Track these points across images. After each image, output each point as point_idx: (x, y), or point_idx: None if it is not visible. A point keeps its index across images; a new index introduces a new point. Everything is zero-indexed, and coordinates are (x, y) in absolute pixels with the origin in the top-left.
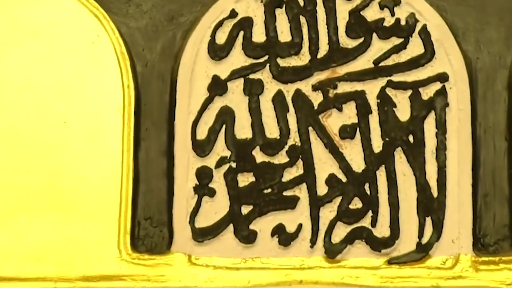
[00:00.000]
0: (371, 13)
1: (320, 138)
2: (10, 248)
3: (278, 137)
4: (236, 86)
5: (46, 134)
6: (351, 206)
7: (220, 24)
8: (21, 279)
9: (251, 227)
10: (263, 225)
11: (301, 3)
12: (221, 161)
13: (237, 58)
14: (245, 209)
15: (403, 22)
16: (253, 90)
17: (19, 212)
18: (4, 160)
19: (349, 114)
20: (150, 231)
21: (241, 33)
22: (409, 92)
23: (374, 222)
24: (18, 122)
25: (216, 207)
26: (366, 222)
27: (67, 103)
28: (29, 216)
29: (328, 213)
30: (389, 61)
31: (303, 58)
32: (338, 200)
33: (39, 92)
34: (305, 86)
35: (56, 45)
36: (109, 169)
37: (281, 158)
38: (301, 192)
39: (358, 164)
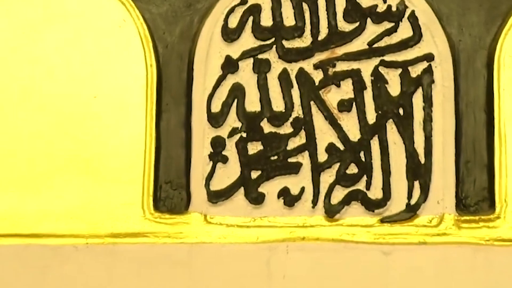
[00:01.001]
0: (366, 0)
1: (320, 111)
2: (48, 209)
3: (283, 110)
4: (246, 65)
5: (79, 107)
6: (348, 171)
7: (232, 10)
8: (57, 236)
9: (260, 190)
10: (270, 188)
11: None
12: (233, 132)
13: (247, 40)
14: (254, 174)
15: (394, 8)
16: (261, 68)
17: (55, 177)
18: (43, 131)
19: (346, 90)
20: (170, 193)
21: (251, 18)
22: (399, 70)
23: (368, 186)
24: (55, 97)
25: (229, 172)
26: (361, 185)
27: (97, 80)
28: (64, 180)
29: (327, 177)
30: (382, 43)
31: (305, 40)
32: (336, 166)
33: (73, 70)
34: (307, 65)
35: (87, 28)
36: (134, 138)
37: (286, 128)
38: (304, 159)
39: (354, 134)
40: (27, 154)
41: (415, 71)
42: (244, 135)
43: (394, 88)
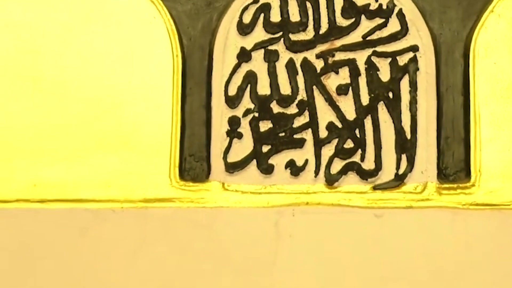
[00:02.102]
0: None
1: (321, 94)
2: (88, 177)
3: (290, 94)
4: (258, 55)
5: (117, 92)
6: (345, 146)
7: (246, 8)
8: (97, 201)
9: (269, 161)
10: (278, 160)
11: None
12: (246, 112)
13: (259, 34)
14: (265, 148)
15: (384, 7)
16: (271, 58)
17: (96, 151)
18: (87, 111)
19: (343, 76)
20: (193, 164)
21: (262, 15)
22: (389, 59)
23: (362, 158)
24: (96, 82)
25: (243, 147)
26: (356, 158)
27: (131, 68)
28: (103, 154)
29: (327, 151)
30: (374, 36)
31: (308, 34)
32: (335, 141)
33: (112, 60)
34: (310, 55)
35: (123, 25)
36: (162, 118)
37: (292, 109)
38: (307, 135)
39: (350, 114)
40: (74, 132)
41: (403, 60)
42: (256, 115)
43: (384, 74)
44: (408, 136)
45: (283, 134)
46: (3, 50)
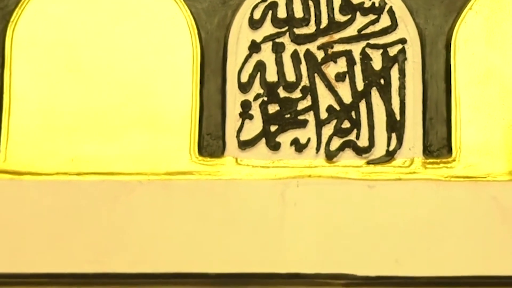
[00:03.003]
0: None
1: (322, 81)
2: (119, 153)
3: (294, 80)
4: (267, 47)
5: (144, 78)
6: (342, 126)
7: (256, 6)
8: (126, 173)
9: (277, 139)
10: (285, 138)
11: None
12: (257, 96)
13: (267, 28)
14: (273, 128)
15: (376, 5)
16: (278, 49)
17: (126, 129)
18: (119, 94)
19: (341, 65)
20: (210, 142)
21: (270, 12)
22: (381, 50)
23: (357, 137)
24: (126, 70)
25: (254, 127)
26: (352, 136)
27: (157, 58)
28: (132, 132)
29: (327, 130)
30: (368, 30)
31: (311, 28)
32: (334, 122)
33: (139, 51)
34: (312, 47)
35: (148, 21)
36: (183, 101)
37: (296, 94)
38: (310, 116)
39: (347, 98)
40: (107, 113)
41: (393, 51)
42: (265, 99)
43: (376, 63)
44: (398, 117)
45: (288, 115)
46: (49, 42)
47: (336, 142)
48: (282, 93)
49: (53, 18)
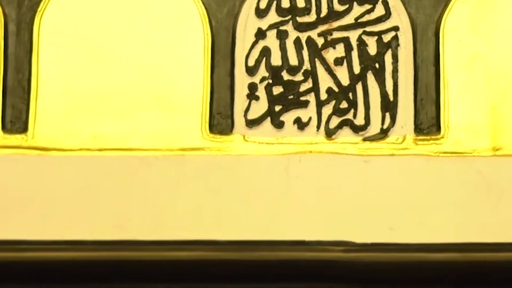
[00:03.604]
0: None
1: (322, 65)
2: (137, 130)
3: (297, 65)
4: (272, 34)
5: (160, 63)
6: (341, 106)
7: None
8: (143, 149)
9: (281, 118)
10: (288, 117)
11: None
12: (262, 79)
13: (272, 17)
14: (277, 108)
15: None
16: (282, 36)
17: (143, 109)
18: (136, 77)
19: (339, 50)
20: (220, 121)
21: (275, 2)
22: (376, 37)
23: (354, 116)
24: (143, 54)
25: (260, 107)
26: (350, 115)
27: (172, 45)
28: (149, 111)
29: (327, 110)
30: (364, 19)
31: (312, 17)
32: (333, 102)
33: (157, 39)
34: (313, 34)
35: (165, 10)
36: (196, 84)
37: (299, 77)
38: (311, 97)
39: (345, 81)
40: (127, 94)
41: (387, 38)
42: (270, 81)
43: (372, 49)
44: (391, 98)
45: (291, 96)
46: (72, 29)
47: (334, 121)
48: (285, 76)
49: (76, 7)
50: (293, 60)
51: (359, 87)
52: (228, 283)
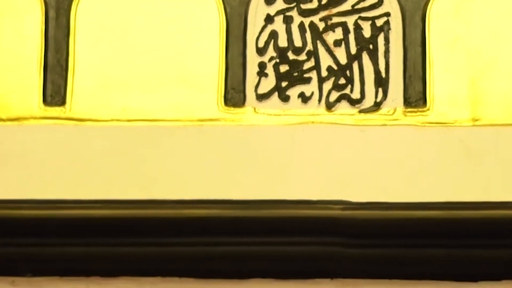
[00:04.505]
0: None
1: (323, 46)
2: (161, 104)
3: (301, 46)
4: (279, 19)
5: (183, 45)
6: (339, 82)
7: None
8: (166, 120)
9: (287, 93)
10: (293, 92)
11: None
12: (271, 59)
13: (279, 4)
14: (284, 84)
15: None
16: (288, 21)
17: (167, 84)
18: (161, 57)
19: (338, 33)
20: (234, 95)
21: None
22: (370, 22)
23: (351, 90)
24: (163, 36)
25: (269, 83)
26: (347, 90)
27: (192, 29)
28: (172, 86)
29: (327, 85)
30: (359, 6)
31: (314, 4)
32: (332, 79)
33: (179, 23)
34: (315, 19)
35: (184, 1)
36: (212, 63)
37: (303, 56)
38: (313, 74)
39: (343, 60)
40: (153, 71)
41: (379, 22)
42: (277, 60)
43: (366, 32)
44: (383, 75)
45: (296, 74)
46: (105, 14)
47: (334, 95)
48: (291, 56)
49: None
50: (298, 42)
51: (355, 66)
52: (240, 237)
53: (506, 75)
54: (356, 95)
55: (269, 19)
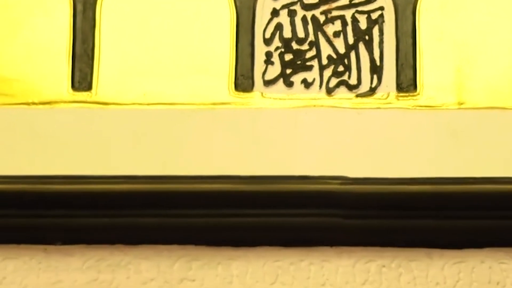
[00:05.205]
0: None
1: (323, 37)
2: (178, 89)
3: (304, 37)
4: (284, 12)
5: (196, 36)
6: (338, 69)
7: None
8: (182, 104)
9: (291, 79)
10: (297, 78)
11: None
12: (277, 48)
13: None
14: (288, 71)
15: None
16: (292, 14)
17: (183, 71)
18: (179, 46)
19: (337, 25)
20: (243, 81)
21: None
22: (366, 15)
23: (349, 77)
24: (182, 29)
25: (274, 70)
26: (345, 77)
27: (205, 21)
28: (187, 74)
29: (327, 73)
30: (356, 1)
31: None
32: (332, 66)
33: (193, 17)
34: (317, 12)
35: None
36: (224, 52)
37: (305, 46)
38: (315, 63)
39: (341, 50)
40: (171, 59)
41: (374, 15)
42: (282, 50)
43: (363, 24)
44: (378, 63)
45: (299, 62)
46: (128, 8)
47: (333, 81)
48: (294, 46)
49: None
50: (301, 33)
51: (352, 55)
52: (248, 209)
53: (488, 63)
54: (353, 81)
55: (275, 13)
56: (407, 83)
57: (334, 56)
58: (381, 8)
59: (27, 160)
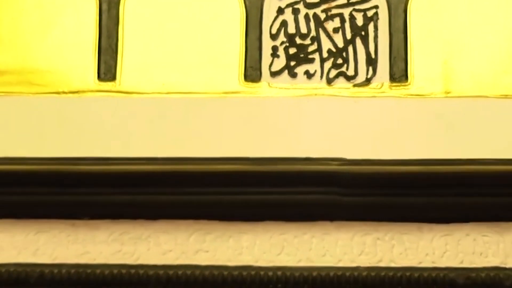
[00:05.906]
0: None
1: (324, 33)
2: (193, 79)
3: (306, 32)
4: (288, 10)
5: (210, 32)
6: (337, 62)
7: None
8: (197, 93)
9: (295, 71)
10: (300, 70)
11: None
12: (282, 43)
13: None
14: (292, 63)
15: None
16: (296, 12)
17: (197, 63)
18: (194, 41)
19: (336, 22)
20: (252, 72)
21: None
22: (362, 13)
23: (347, 69)
24: (197, 26)
25: (280, 62)
26: (344, 68)
27: (218, 19)
28: (201, 65)
29: (328, 64)
30: (353, 0)
31: None
32: (331, 59)
33: (208, 15)
34: (318, 10)
35: None
36: (235, 46)
37: (307, 41)
38: (316, 56)
39: (340, 44)
40: (187, 53)
41: (370, 13)
42: (287, 44)
43: (359, 21)
44: (373, 56)
45: (302, 55)
46: (148, 6)
47: (333, 72)
48: (298, 40)
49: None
50: (303, 29)
51: (350, 48)
52: (256, 187)
53: (472, 57)
54: (351, 72)
55: (280, 11)
56: (399, 74)
57: (334, 50)
58: (376, 7)
59: (57, 143)
